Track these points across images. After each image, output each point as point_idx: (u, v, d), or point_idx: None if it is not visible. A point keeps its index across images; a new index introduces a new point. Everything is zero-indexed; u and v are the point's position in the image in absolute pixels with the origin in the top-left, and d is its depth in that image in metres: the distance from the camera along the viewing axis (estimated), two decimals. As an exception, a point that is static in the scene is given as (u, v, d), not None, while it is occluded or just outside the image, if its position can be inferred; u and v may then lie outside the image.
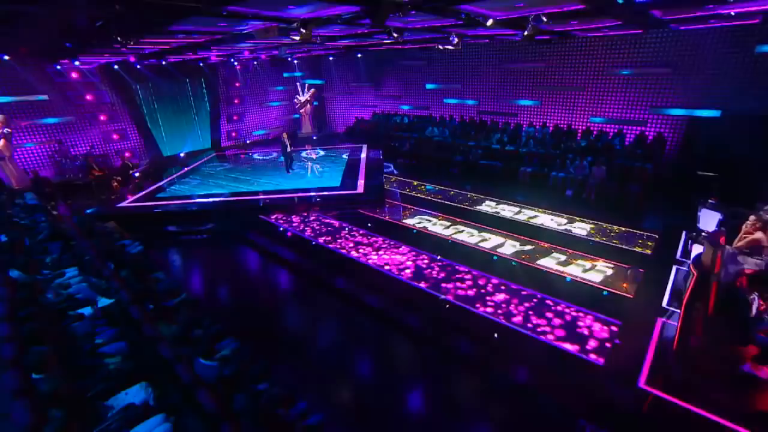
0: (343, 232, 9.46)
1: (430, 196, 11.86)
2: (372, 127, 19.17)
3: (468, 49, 16.29)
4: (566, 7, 6.74)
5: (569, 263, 7.86)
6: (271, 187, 12.52)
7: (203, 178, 14.14)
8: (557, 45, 13.97)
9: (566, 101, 14.60)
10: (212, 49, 12.02)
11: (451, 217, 10.16)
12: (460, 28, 9.39)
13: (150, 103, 16.82)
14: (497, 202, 11.14)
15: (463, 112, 17.48)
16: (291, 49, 13.88)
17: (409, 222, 9.90)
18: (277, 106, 21.64)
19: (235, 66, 18.86)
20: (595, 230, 9.34)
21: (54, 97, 13.71)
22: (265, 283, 8.15)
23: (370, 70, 19.98)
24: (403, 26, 8.93)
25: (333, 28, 9.06)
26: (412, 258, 8.15)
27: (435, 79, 18.05)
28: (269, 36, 7.97)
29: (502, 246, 8.63)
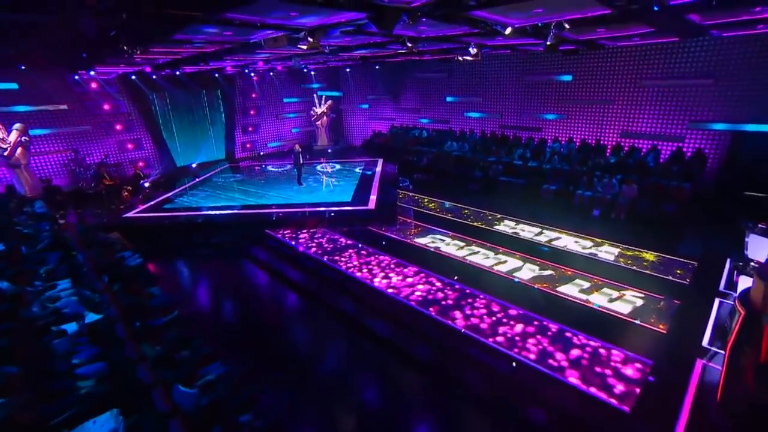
0: (350, 250, 9.27)
1: (445, 213, 11.59)
2: (389, 141, 19.18)
3: (489, 60, 16.20)
4: (590, 13, 6.45)
5: (594, 291, 7.35)
6: (280, 201, 12.54)
7: (212, 189, 14.33)
8: (585, 56, 13.63)
9: (594, 115, 14.17)
10: (225, 59, 12.24)
11: (465, 236, 9.81)
12: (478, 37, 9.23)
13: (166, 113, 17.33)
14: (516, 222, 10.75)
15: (485, 126, 17.28)
16: (305, 60, 14.04)
17: (421, 241, 9.65)
18: (294, 118, 21.96)
19: (251, 77, 19.27)
20: (625, 255, 8.77)
21: (73, 107, 14.27)
22: (267, 301, 8.00)
23: (389, 82, 20.13)
24: (417, 35, 8.85)
25: (345, 38, 9.05)
26: (421, 280, 7.81)
27: (455, 92, 18.00)
28: (279, 45, 8.04)
29: (520, 270, 8.20)
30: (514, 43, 10.80)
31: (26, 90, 13.11)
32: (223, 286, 8.70)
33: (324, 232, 10.45)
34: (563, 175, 12.72)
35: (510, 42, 10.43)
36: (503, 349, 5.86)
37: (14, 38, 8.02)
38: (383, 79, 20.11)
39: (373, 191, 12.81)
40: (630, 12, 6.06)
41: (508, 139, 15.99)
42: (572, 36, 8.95)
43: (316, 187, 13.95)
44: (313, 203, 12.02)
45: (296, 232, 10.37)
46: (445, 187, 14.11)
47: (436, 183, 14.84)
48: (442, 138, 17.34)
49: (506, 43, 10.58)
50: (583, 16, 6.56)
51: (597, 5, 5.92)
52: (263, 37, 8.08)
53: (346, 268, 8.42)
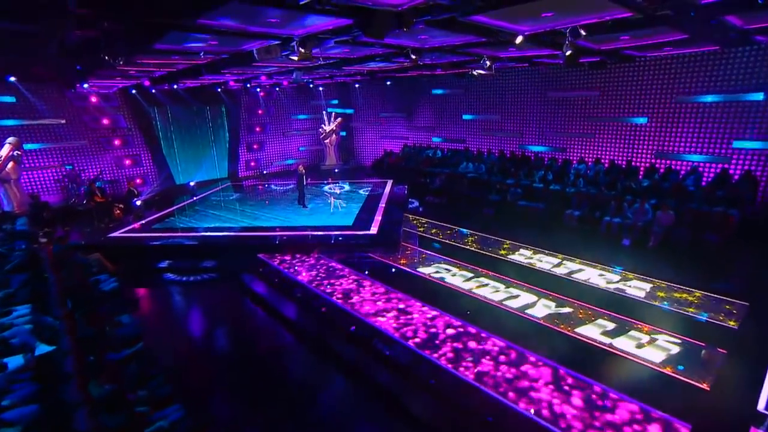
0: (345, 279, 8.93)
1: (455, 240, 11.22)
2: (401, 161, 19.10)
3: (508, 75, 16.06)
4: (607, 16, 6.10)
5: (619, 334, 6.69)
6: (275, 223, 12.41)
7: (207, 209, 14.35)
8: (613, 69, 13.27)
9: (625, 134, 13.67)
10: (224, 73, 12.43)
11: (475, 266, 9.35)
12: (489, 48, 9.03)
13: (167, 129, 17.71)
14: (534, 251, 10.25)
15: (504, 146, 16.95)
16: (310, 75, 14.13)
17: (425, 270, 9.26)
18: (301, 135, 22.19)
19: (257, 93, 19.60)
20: (658, 292, 8.08)
21: (70, 121, 14.72)
22: (255, 334, 7.61)
23: (401, 98, 20.18)
24: (420, 46, 8.69)
25: (342, 49, 8.98)
26: (418, 314, 7.34)
27: (472, 110, 17.88)
28: (273, 56, 8.00)
29: (533, 306, 7.62)
30: (529, 55, 10.59)
31: (23, 103, 13.56)
32: (209, 314, 8.42)
33: (320, 257, 10.15)
34: (589, 199, 12.20)
35: (524, 53, 10.21)
36: (511, 405, 5.26)
37: (4, 49, 8.22)
38: (396, 96, 20.21)
39: (377, 215, 12.59)
40: (651, 13, 5.68)
41: (529, 160, 15.62)
42: (592, 45, 8.63)
43: (319, 209, 13.83)
44: (310, 227, 11.84)
45: (293, 257, 10.13)
46: (457, 212, 13.90)
47: (448, 207, 14.65)
48: (457, 158, 17.14)
49: (521, 54, 10.37)
50: (600, 20, 6.22)
51: (614, 7, 5.57)
52: (253, 47, 8.05)
53: (337, 299, 8.02)
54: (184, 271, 10.14)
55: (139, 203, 13.56)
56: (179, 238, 11.29)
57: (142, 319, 7.70)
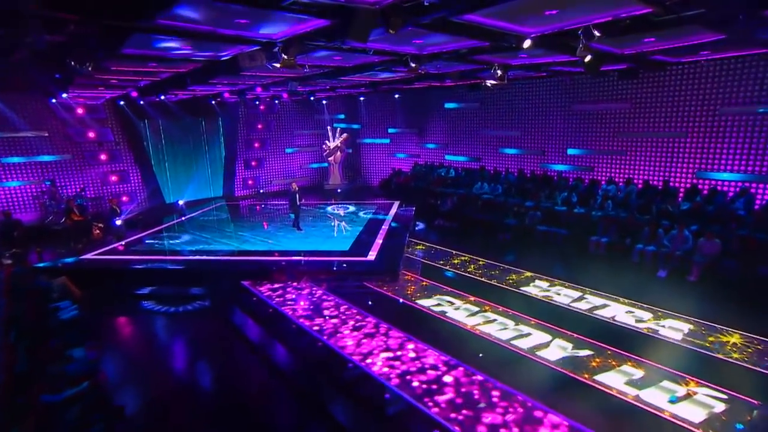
0: (335, 311, 8.61)
1: (463, 269, 10.85)
2: (410, 180, 18.99)
3: (528, 87, 16.00)
4: (624, 13, 5.79)
5: (649, 385, 6.06)
6: (265, 247, 12.28)
7: (193, 231, 14.28)
8: (645, 78, 12.96)
9: (661, 151, 13.23)
10: (213, 83, 12.54)
11: (481, 299, 8.91)
12: (496, 54, 8.83)
13: (157, 144, 17.96)
14: (551, 282, 9.76)
15: (524, 165, 16.68)
16: (306, 86, 14.17)
17: (424, 303, 8.89)
18: (304, 152, 22.33)
19: (257, 106, 19.84)
20: (699, 334, 7.42)
21: (53, 134, 15.05)
22: (230, 373, 7.20)
23: (412, 113, 20.20)
24: (418, 52, 8.59)
25: (334, 56, 8.94)
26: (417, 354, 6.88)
27: (489, 125, 17.79)
28: (258, 64, 7.99)
29: (546, 347, 7.07)
30: (544, 62, 10.40)
31: (2, 114, 13.92)
32: (185, 350, 8.12)
33: (311, 286, 9.93)
34: (618, 224, 11.75)
35: (538, 60, 10.01)
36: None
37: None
38: (405, 110, 20.25)
39: (377, 240, 12.38)
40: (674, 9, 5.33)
41: (551, 180, 15.28)
42: (614, 49, 8.32)
43: (313, 232, 13.66)
44: (301, 251, 11.55)
45: (283, 286, 9.95)
46: (469, 237, 13.69)
47: (459, 232, 14.43)
48: (471, 178, 16.97)
49: (535, 61, 10.15)
50: (615, 18, 5.90)
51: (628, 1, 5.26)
52: (233, 52, 8.01)
53: (324, 336, 7.66)
54: (161, 299, 9.93)
55: (119, 223, 13.55)
56: (154, 262, 11.15)
57: (106, 354, 7.51)
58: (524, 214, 13.48)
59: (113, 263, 11.30)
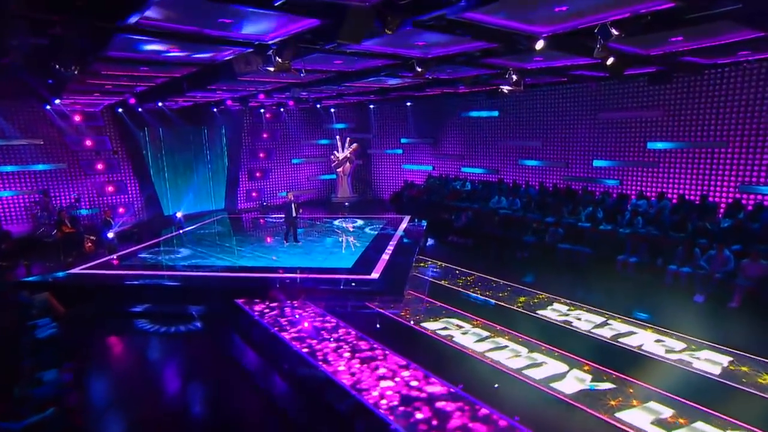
0: (334, 334, 8.42)
1: (475, 290, 10.64)
2: (422, 194, 18.89)
3: (551, 94, 15.88)
4: (644, 9, 5.55)
5: (679, 427, 5.61)
6: (262, 263, 12.30)
7: (188, 245, 14.35)
8: (679, 82, 12.73)
9: (699, 162, 12.82)
10: (212, 89, 12.65)
11: (492, 323, 8.63)
12: (508, 57, 8.75)
13: (157, 153, 18.20)
14: (571, 306, 9.40)
15: (546, 177, 16.51)
16: (311, 92, 14.19)
17: (430, 326, 8.65)
18: (312, 163, 22.48)
19: (263, 114, 20.01)
20: (740, 368, 6.93)
21: (49, 142, 15.38)
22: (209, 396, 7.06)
23: (426, 122, 20.20)
24: (423, 55, 8.56)
25: (335, 60, 9.02)
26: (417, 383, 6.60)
27: (508, 135, 17.70)
28: (253, 68, 8.02)
29: (562, 379, 6.68)
30: (563, 65, 10.26)
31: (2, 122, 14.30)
32: (173, 376, 7.96)
33: (307, 306, 9.81)
34: (650, 242, 11.34)
35: (556, 63, 9.88)
36: None
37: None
38: (419, 119, 20.25)
39: (383, 257, 12.25)
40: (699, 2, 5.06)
41: (576, 194, 15.00)
42: (639, 50, 8.09)
43: (316, 248, 13.62)
44: (300, 268, 11.58)
45: (279, 305, 9.85)
46: (484, 255, 13.55)
47: (473, 249, 14.28)
48: (488, 192, 16.81)
49: (552, 65, 10.01)
50: (635, 14, 5.65)
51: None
52: (226, 56, 8.12)
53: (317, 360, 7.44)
54: (148, 317, 9.91)
55: (111, 235, 13.64)
56: (141, 278, 11.18)
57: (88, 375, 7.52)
58: (544, 230, 13.20)
59: (98, 278, 11.33)
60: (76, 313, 9.66)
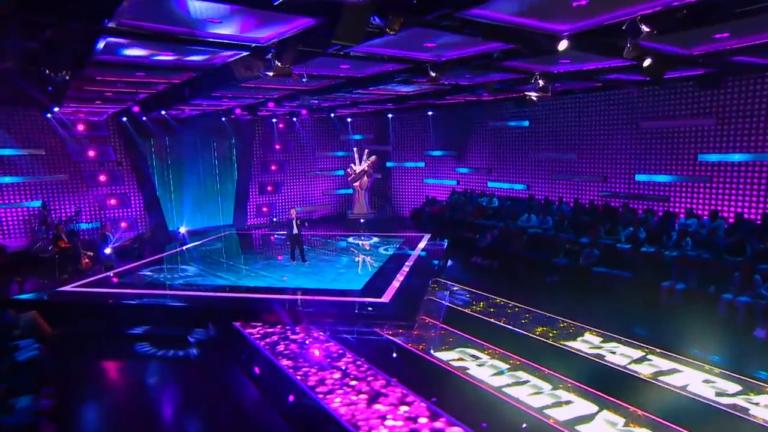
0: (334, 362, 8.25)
1: (496, 317, 10.38)
2: (444, 211, 18.88)
3: (587, 102, 15.66)
4: (677, 0, 5.25)
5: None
6: (265, 283, 12.41)
7: (189, 263, 14.48)
8: (733, 86, 12.26)
9: (760, 177, 12.24)
10: (216, 96, 12.83)
11: (513, 355, 8.31)
12: (530, 60, 8.63)
13: (163, 165, 18.59)
14: (604, 338, 8.99)
15: (581, 193, 16.24)
16: (323, 100, 14.23)
17: (443, 355, 8.43)
18: (327, 177, 22.66)
19: (275, 124, 20.32)
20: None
21: (50, 152, 15.87)
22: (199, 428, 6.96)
23: (449, 133, 20.18)
24: (436, 59, 8.50)
25: (342, 64, 9.11)
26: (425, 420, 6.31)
27: (539, 146, 17.50)
28: (254, 73, 8.17)
29: (590, 421, 6.27)
30: (591, 69, 10.03)
31: (3, 131, 14.81)
32: (158, 398, 7.99)
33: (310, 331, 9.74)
34: (701, 267, 10.82)
35: (585, 67, 9.73)
36: None
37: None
38: (442, 130, 20.23)
39: (397, 279, 12.23)
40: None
41: (615, 212, 14.64)
42: (677, 49, 7.75)
43: (325, 268, 13.67)
44: (305, 289, 11.64)
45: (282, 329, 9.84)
46: (509, 278, 13.48)
47: (498, 271, 14.17)
48: (517, 209, 16.65)
49: (580, 68, 9.86)
50: (667, 7, 5.36)
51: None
52: (222, 60, 8.29)
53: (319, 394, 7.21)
54: (142, 339, 9.95)
55: (109, 251, 13.81)
56: (132, 297, 11.30)
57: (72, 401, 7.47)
58: (578, 252, 12.93)
59: (88, 297, 11.47)
60: (63, 334, 9.82)
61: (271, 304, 10.59)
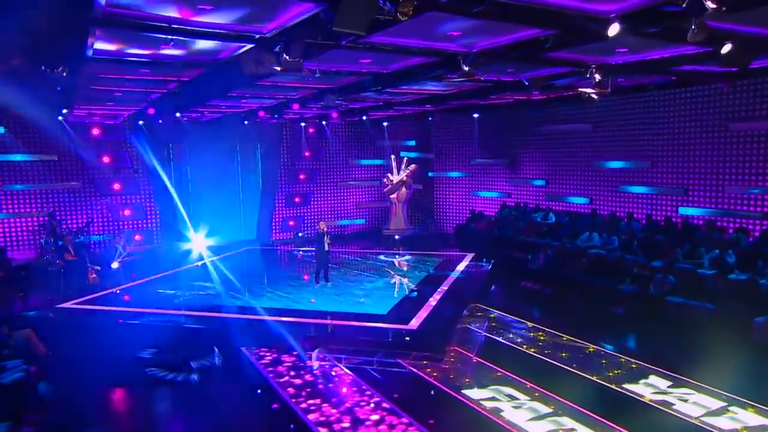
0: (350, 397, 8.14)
1: (543, 351, 10.10)
2: (492, 227, 18.77)
3: (662, 99, 15.13)
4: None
5: None
6: (280, 304, 12.51)
7: (202, 280, 14.73)
8: None
9: None
10: (232, 96, 13.08)
11: (557, 396, 7.91)
12: (579, 50, 8.35)
13: (182, 173, 19.15)
14: (674, 382, 8.42)
15: (655, 209, 15.71)
16: (349, 101, 14.24)
17: (474, 394, 8.21)
18: (362, 188, 22.73)
19: (304, 129, 20.60)
20: None
21: (63, 158, 16.60)
22: None
23: (499, 138, 20.07)
24: (467, 50, 8.38)
25: (361, 60, 9.20)
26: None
27: (605, 153, 17.12)
28: (264, 69, 8.43)
29: (648, 488, 5.67)
30: (656, 58, 9.57)
31: (13, 135, 15.61)
32: None
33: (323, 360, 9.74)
34: None
35: (648, 56, 9.29)
36: None
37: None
38: (490, 134, 20.10)
39: (428, 303, 12.18)
40: None
41: (696, 230, 14.05)
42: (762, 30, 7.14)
43: (347, 288, 13.80)
44: (322, 312, 11.72)
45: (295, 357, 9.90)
46: (563, 306, 13.18)
47: (552, 298, 13.85)
48: (577, 225, 16.36)
49: (642, 58, 9.41)
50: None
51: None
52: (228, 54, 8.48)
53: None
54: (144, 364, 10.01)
55: (116, 265, 14.18)
56: (135, 317, 11.52)
57: None
58: (649, 278, 12.41)
59: (86, 315, 11.81)
60: (58, 355, 10.00)
61: (282, 328, 10.61)
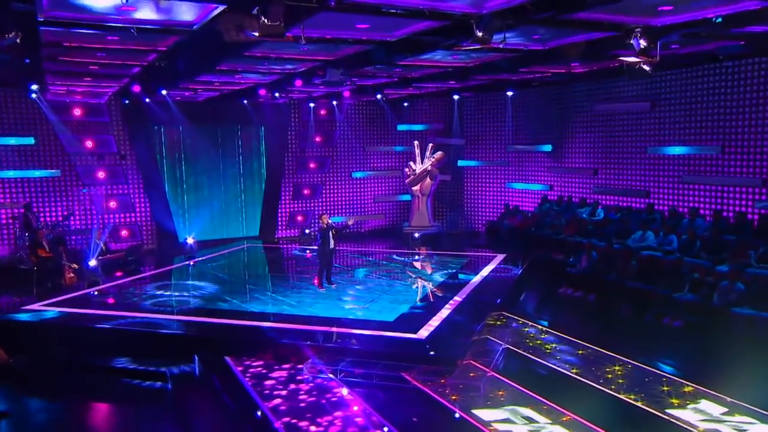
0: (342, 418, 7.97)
1: (574, 368, 9.89)
2: (528, 224, 18.70)
3: (734, 72, 14.80)
4: None
5: None
6: (275, 309, 12.68)
7: (190, 281, 14.98)
8: None
9: None
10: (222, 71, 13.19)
11: (586, 421, 7.65)
12: (610, 9, 8.09)
13: (175, 159, 19.34)
14: (730, 409, 8.04)
15: (725, 203, 15.46)
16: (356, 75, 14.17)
17: (485, 415, 8.01)
18: (380, 178, 22.74)
19: (314, 111, 20.62)
20: None
21: (42, 141, 16.89)
22: None
23: (539, 121, 19.95)
24: (476, 11, 8.17)
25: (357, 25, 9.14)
26: None
27: (665, 138, 16.86)
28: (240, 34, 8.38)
29: None
30: (711, 16, 9.10)
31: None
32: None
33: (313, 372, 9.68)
34: None
35: (699, 14, 8.86)
36: None
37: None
38: (528, 116, 20.08)
39: (442, 310, 12.18)
40: None
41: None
42: None
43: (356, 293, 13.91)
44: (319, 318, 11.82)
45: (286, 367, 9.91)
46: (607, 317, 13.05)
47: (595, 306, 13.71)
48: (629, 223, 16.11)
49: (692, 17, 9.04)
50: None
51: None
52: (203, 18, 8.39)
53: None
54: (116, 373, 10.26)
55: (93, 263, 14.26)
56: (107, 320, 11.57)
57: None
58: (712, 285, 12.09)
59: (54, 320, 11.90)
60: (22, 364, 10.18)
61: (268, 335, 10.88)
